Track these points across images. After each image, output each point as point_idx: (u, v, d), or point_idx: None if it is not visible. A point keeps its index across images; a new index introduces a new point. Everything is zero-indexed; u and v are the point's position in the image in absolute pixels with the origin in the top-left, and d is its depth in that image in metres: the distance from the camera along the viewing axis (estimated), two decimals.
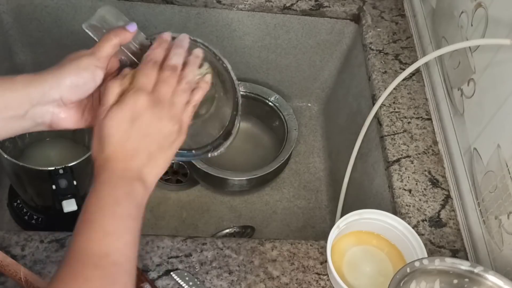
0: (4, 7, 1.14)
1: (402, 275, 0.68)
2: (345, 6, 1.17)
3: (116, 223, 0.57)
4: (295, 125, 1.24)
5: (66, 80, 0.62)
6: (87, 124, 0.68)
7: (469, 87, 0.87)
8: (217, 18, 1.17)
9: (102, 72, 0.65)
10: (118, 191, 0.59)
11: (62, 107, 0.64)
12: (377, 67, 1.06)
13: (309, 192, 1.27)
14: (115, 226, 0.57)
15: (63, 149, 1.12)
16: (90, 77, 0.63)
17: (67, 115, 0.65)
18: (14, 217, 1.11)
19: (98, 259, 0.55)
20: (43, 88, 0.61)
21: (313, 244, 0.83)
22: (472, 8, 0.88)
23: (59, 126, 0.65)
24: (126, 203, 0.59)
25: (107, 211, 0.57)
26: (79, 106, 0.66)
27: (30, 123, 0.63)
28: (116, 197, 0.58)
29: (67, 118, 0.65)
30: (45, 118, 0.63)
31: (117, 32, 0.65)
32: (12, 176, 1.01)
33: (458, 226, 0.87)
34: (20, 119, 0.62)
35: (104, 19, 0.68)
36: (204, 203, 1.23)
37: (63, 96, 0.62)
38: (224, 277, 0.78)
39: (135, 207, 0.59)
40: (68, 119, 0.65)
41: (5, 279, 0.73)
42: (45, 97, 0.62)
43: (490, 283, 0.69)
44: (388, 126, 0.98)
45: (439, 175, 0.92)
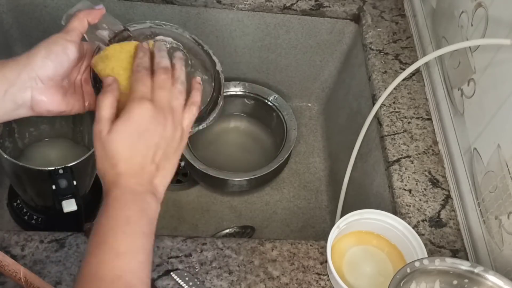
0: (4, 7, 1.14)
1: (402, 275, 0.68)
2: (345, 6, 1.17)
3: (129, 243, 0.57)
4: (294, 125, 1.24)
5: (37, 56, 0.63)
6: (70, 107, 0.68)
7: (469, 87, 0.87)
8: (217, 18, 1.17)
9: (73, 47, 0.65)
10: (130, 208, 0.58)
11: (40, 87, 0.64)
12: (377, 67, 1.06)
13: (309, 192, 1.27)
14: (127, 245, 0.56)
15: (63, 149, 1.12)
16: (60, 50, 0.64)
17: (47, 96, 0.65)
18: (14, 217, 1.11)
19: (110, 283, 0.54)
20: (17, 67, 0.63)
21: (313, 244, 0.83)
22: (472, 8, 0.88)
23: (41, 108, 0.65)
24: (139, 221, 0.58)
25: (118, 231, 0.57)
26: (59, 87, 0.66)
27: (11, 105, 0.63)
28: (127, 216, 0.58)
29: (47, 99, 0.65)
30: (25, 99, 0.64)
31: (85, 10, 0.68)
32: (12, 176, 1.01)
33: (458, 226, 0.87)
34: (0, 102, 0.62)
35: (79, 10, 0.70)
36: (204, 203, 1.23)
37: (38, 73, 0.63)
38: (224, 277, 0.78)
39: (147, 223, 0.59)
40: (49, 101, 0.65)
41: (5, 279, 0.73)
42: (21, 75, 0.62)
43: (490, 283, 0.69)
44: (388, 126, 0.98)
45: (439, 175, 0.92)
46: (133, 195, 0.59)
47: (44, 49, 0.64)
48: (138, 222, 0.58)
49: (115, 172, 0.59)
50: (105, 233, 0.56)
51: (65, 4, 1.13)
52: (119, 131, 0.59)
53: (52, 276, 0.75)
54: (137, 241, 0.57)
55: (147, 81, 0.63)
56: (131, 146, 0.60)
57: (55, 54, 0.64)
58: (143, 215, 0.59)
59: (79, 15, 0.67)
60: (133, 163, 0.60)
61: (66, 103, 0.67)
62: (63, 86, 0.67)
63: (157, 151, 0.61)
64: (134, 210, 0.58)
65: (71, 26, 0.66)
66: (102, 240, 0.56)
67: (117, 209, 0.58)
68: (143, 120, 0.60)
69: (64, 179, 0.94)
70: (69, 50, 0.65)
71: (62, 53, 0.64)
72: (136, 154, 0.60)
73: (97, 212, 0.59)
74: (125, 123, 0.60)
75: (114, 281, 0.54)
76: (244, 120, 1.32)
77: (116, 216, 0.57)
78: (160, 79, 0.64)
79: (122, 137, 0.59)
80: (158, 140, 0.61)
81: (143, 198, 0.59)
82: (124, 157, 0.59)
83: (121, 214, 0.58)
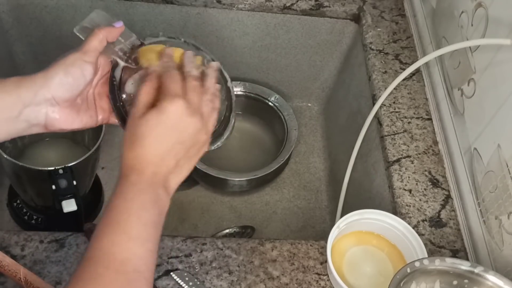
0: (4, 7, 1.14)
1: (402, 275, 0.68)
2: (345, 6, 1.17)
3: (141, 229, 0.57)
4: (295, 125, 1.24)
5: (55, 78, 0.62)
6: (83, 125, 0.68)
7: (469, 87, 0.87)
8: (217, 18, 1.17)
9: (91, 67, 0.65)
10: (146, 196, 0.59)
11: (55, 107, 0.64)
12: (377, 67, 1.06)
13: (309, 192, 1.27)
14: (139, 231, 0.57)
15: (63, 149, 1.12)
16: (78, 72, 0.64)
17: (62, 115, 0.65)
18: (14, 217, 1.11)
19: (120, 264, 0.54)
20: (33, 88, 0.62)
21: (313, 244, 0.83)
22: (472, 8, 0.88)
23: (55, 127, 0.65)
24: (152, 209, 0.58)
25: (133, 215, 0.57)
26: (73, 105, 0.66)
27: (24, 125, 0.63)
28: (143, 202, 0.58)
29: (61, 118, 0.65)
30: (39, 119, 0.64)
31: (103, 28, 0.66)
32: (12, 176, 1.01)
33: (458, 226, 0.87)
34: (14, 121, 0.62)
35: (94, 21, 0.69)
36: (204, 203, 1.23)
37: (54, 94, 0.63)
38: (224, 277, 0.78)
39: (158, 215, 0.59)
40: (63, 120, 0.65)
41: (5, 279, 0.73)
42: (36, 97, 0.62)
43: (491, 283, 0.69)
44: (388, 126, 0.98)
45: (439, 175, 0.92)
46: (148, 184, 0.59)
47: (63, 71, 0.63)
48: (151, 211, 0.58)
49: (134, 156, 0.60)
50: (119, 214, 0.57)
51: (65, 4, 1.13)
52: (150, 119, 0.60)
53: (52, 276, 0.75)
54: (148, 229, 0.58)
55: (179, 81, 0.63)
56: (158, 136, 0.60)
57: (73, 77, 0.63)
58: (156, 206, 0.59)
59: (99, 34, 0.66)
60: (155, 153, 0.60)
61: (79, 121, 0.67)
62: (77, 103, 0.67)
63: (181, 148, 0.62)
64: (148, 198, 0.59)
65: (90, 46, 0.65)
66: (115, 221, 0.56)
67: (134, 192, 0.58)
68: (175, 115, 0.61)
69: (64, 179, 0.94)
70: (87, 72, 0.65)
71: (80, 76, 0.64)
72: (160, 145, 0.60)
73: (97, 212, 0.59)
74: (158, 113, 0.60)
75: (123, 262, 0.54)
76: (244, 120, 1.32)
77: (132, 199, 0.58)
78: (192, 85, 0.64)
79: (151, 124, 0.60)
80: (185, 139, 0.62)
81: (156, 189, 0.60)
82: (146, 142, 0.60)
83: (137, 198, 0.58)
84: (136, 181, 0.59)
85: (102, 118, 0.71)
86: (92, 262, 0.54)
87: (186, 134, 0.62)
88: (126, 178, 0.59)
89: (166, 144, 0.61)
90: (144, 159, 0.60)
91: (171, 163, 0.61)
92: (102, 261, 0.54)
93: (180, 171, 0.63)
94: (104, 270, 0.53)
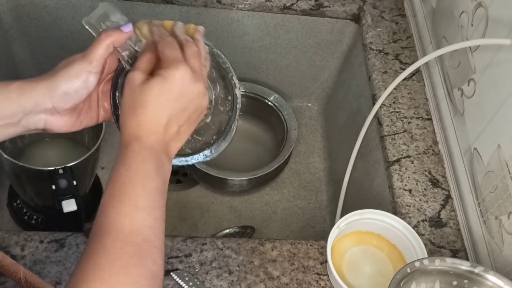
0: (4, 7, 1.14)
1: (402, 275, 0.68)
2: (345, 6, 1.17)
3: (147, 198, 0.56)
4: (294, 125, 1.24)
5: (58, 89, 0.61)
6: (82, 126, 0.67)
7: (469, 87, 0.87)
8: (217, 18, 1.17)
9: (95, 77, 0.63)
10: (149, 164, 0.58)
11: (55, 115, 0.63)
12: (377, 67, 1.06)
13: (309, 192, 1.27)
14: (146, 200, 0.56)
15: (63, 149, 1.12)
16: (82, 84, 0.62)
17: (61, 121, 0.64)
18: (13, 217, 1.11)
19: (128, 235, 0.53)
20: (36, 97, 0.61)
21: (313, 244, 0.83)
22: (472, 8, 0.88)
23: (54, 131, 0.65)
24: (156, 177, 0.58)
25: (138, 184, 0.56)
26: (73, 111, 0.65)
27: (23, 129, 0.63)
28: (147, 171, 0.57)
29: (60, 124, 0.65)
30: (38, 125, 0.63)
31: (110, 33, 0.63)
32: (12, 176, 1.01)
33: (458, 226, 0.87)
34: (14, 126, 0.62)
35: (103, 16, 0.66)
36: (204, 203, 1.23)
37: (55, 105, 0.62)
38: (224, 277, 0.78)
39: (162, 182, 0.59)
40: (62, 125, 0.65)
41: (5, 279, 0.73)
42: (38, 106, 0.61)
43: (491, 283, 0.69)
44: (388, 126, 0.98)
45: (439, 175, 0.92)
46: (151, 152, 0.59)
47: (66, 82, 0.61)
48: (155, 179, 0.58)
49: (136, 124, 0.59)
50: (124, 185, 0.56)
51: (65, 4, 1.13)
52: (154, 87, 0.59)
53: (52, 276, 0.75)
54: (154, 197, 0.57)
55: (178, 49, 0.62)
56: (162, 104, 0.59)
57: (76, 89, 0.62)
58: (159, 173, 0.58)
59: (105, 41, 0.63)
60: (158, 121, 0.59)
61: (79, 123, 0.67)
62: (78, 108, 0.66)
63: (184, 115, 0.61)
64: (152, 166, 0.58)
65: (95, 55, 0.63)
66: (120, 191, 0.56)
67: (137, 162, 0.57)
68: (181, 82, 0.60)
69: (64, 179, 0.94)
70: (90, 82, 0.63)
71: (83, 87, 0.63)
72: (163, 113, 0.60)
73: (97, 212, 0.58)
74: (161, 79, 0.59)
75: (132, 233, 0.54)
76: (244, 120, 1.32)
77: (136, 169, 0.57)
78: (192, 50, 0.63)
79: (154, 91, 0.59)
80: (188, 104, 0.61)
81: (159, 156, 0.59)
82: (151, 111, 0.59)
83: (141, 168, 0.57)
84: (138, 150, 0.58)
85: (104, 117, 0.69)
86: (100, 236, 0.53)
87: (189, 101, 0.61)
88: (128, 147, 0.58)
89: (169, 111, 0.60)
90: (146, 127, 0.59)
91: (174, 130, 0.61)
92: (110, 233, 0.53)
93: (181, 137, 0.62)
94: (113, 242, 0.53)
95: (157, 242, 0.55)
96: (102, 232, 0.54)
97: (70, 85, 0.62)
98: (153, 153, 0.59)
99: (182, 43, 0.63)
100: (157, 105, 0.59)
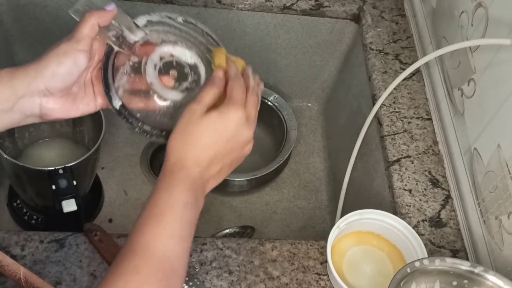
0: (4, 7, 1.14)
1: (402, 275, 0.68)
2: (345, 6, 1.17)
3: (182, 228, 0.58)
4: (294, 125, 1.24)
5: (47, 69, 0.62)
6: (80, 112, 0.68)
7: (469, 87, 0.87)
8: (217, 18, 1.17)
9: (84, 56, 0.64)
10: (190, 196, 0.59)
11: (49, 97, 0.63)
12: (377, 67, 1.06)
13: (309, 192, 1.27)
14: (180, 230, 0.57)
15: (63, 149, 1.12)
16: (71, 62, 0.63)
17: (56, 105, 0.64)
18: (14, 217, 1.11)
19: (159, 260, 0.55)
20: (27, 79, 0.61)
21: (313, 244, 0.83)
22: (472, 8, 0.88)
23: (50, 117, 0.65)
24: (192, 210, 0.60)
25: (177, 213, 0.58)
26: (68, 94, 0.65)
27: (19, 116, 0.63)
28: (187, 202, 0.59)
29: (56, 108, 0.65)
30: (34, 110, 0.63)
31: (94, 13, 0.64)
32: (12, 176, 1.01)
33: (458, 226, 0.87)
34: (9, 112, 0.62)
35: (89, 2, 0.67)
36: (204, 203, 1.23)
37: (48, 85, 0.62)
38: (224, 277, 0.78)
39: (195, 216, 0.60)
40: (58, 109, 0.65)
41: (5, 279, 0.73)
42: (30, 88, 0.62)
43: (491, 283, 0.69)
44: (388, 126, 0.98)
45: (439, 175, 0.92)
46: (192, 184, 0.60)
47: (55, 62, 0.62)
48: (192, 211, 0.59)
49: (185, 151, 0.61)
50: (164, 209, 0.57)
51: (65, 4, 1.13)
52: (211, 122, 0.61)
53: (52, 276, 0.75)
54: (187, 228, 0.58)
55: (244, 92, 0.65)
56: (213, 140, 0.61)
57: (66, 67, 0.63)
58: (196, 207, 0.60)
59: (89, 20, 0.64)
60: (206, 156, 0.61)
61: (76, 109, 0.67)
62: (72, 92, 0.66)
63: (229, 156, 0.63)
64: (192, 198, 0.60)
65: (81, 34, 0.64)
66: (160, 214, 0.57)
67: (179, 191, 0.59)
68: (235, 124, 0.62)
69: (64, 179, 0.94)
70: (80, 61, 0.64)
71: (72, 65, 0.63)
72: (212, 149, 0.61)
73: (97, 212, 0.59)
74: (220, 117, 0.62)
75: (162, 260, 0.55)
76: None
77: (177, 197, 0.58)
78: (253, 98, 0.65)
79: (210, 127, 0.61)
80: (235, 148, 0.64)
81: (198, 190, 0.61)
82: (203, 144, 0.61)
83: (182, 198, 0.59)
84: (183, 180, 0.60)
85: (101, 103, 0.69)
86: (131, 255, 0.54)
87: (237, 144, 0.63)
88: (173, 173, 0.60)
89: (218, 150, 0.62)
90: (194, 159, 0.61)
91: (216, 168, 0.63)
92: (142, 254, 0.54)
93: (220, 177, 0.64)
94: (143, 263, 0.54)
95: (181, 272, 0.57)
96: (134, 252, 0.55)
97: (59, 63, 0.62)
98: (194, 186, 0.60)
99: (247, 87, 0.66)
100: (210, 140, 0.61)
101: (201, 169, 0.61)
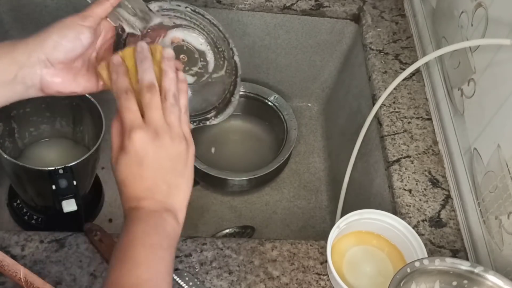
0: (4, 7, 1.14)
1: (402, 275, 0.68)
2: (345, 6, 1.17)
3: (146, 253, 0.57)
4: (294, 125, 1.24)
5: (49, 39, 0.62)
6: (81, 89, 0.67)
7: (469, 87, 0.87)
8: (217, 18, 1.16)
9: (88, 32, 0.64)
10: (147, 224, 0.59)
11: (50, 68, 0.64)
12: (377, 67, 1.06)
13: (309, 192, 1.27)
14: (145, 256, 0.57)
15: (63, 149, 1.12)
16: (74, 35, 0.63)
17: (57, 77, 0.64)
18: (14, 217, 1.11)
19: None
20: (27, 49, 0.62)
21: (313, 244, 0.83)
22: (472, 8, 0.88)
23: (51, 89, 0.65)
24: (156, 234, 0.59)
25: (137, 243, 0.58)
26: (69, 68, 0.65)
27: (21, 87, 0.63)
28: (146, 230, 0.59)
29: (57, 80, 0.65)
30: (35, 81, 0.63)
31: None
32: (12, 176, 1.01)
33: (458, 226, 0.87)
34: (11, 84, 0.62)
35: None
36: (204, 203, 1.23)
37: (48, 56, 0.62)
38: (224, 277, 0.78)
39: (165, 238, 0.59)
40: (59, 82, 0.65)
41: (5, 279, 0.73)
42: (30, 58, 0.62)
43: (490, 283, 0.69)
44: (388, 126, 0.98)
45: (439, 175, 0.92)
46: (148, 214, 0.60)
47: (57, 33, 0.63)
48: (156, 235, 0.59)
49: (125, 199, 0.61)
50: (125, 247, 0.58)
51: (65, 4, 1.13)
52: (120, 164, 0.61)
53: (52, 276, 0.75)
54: (155, 251, 0.58)
55: (133, 105, 0.61)
56: (135, 176, 0.60)
57: (68, 39, 0.63)
58: (160, 230, 0.59)
59: (104, 2, 0.65)
60: (141, 189, 0.60)
61: (76, 84, 0.67)
62: (75, 67, 0.66)
63: (164, 171, 0.61)
64: (150, 225, 0.59)
65: (90, 12, 0.64)
66: (123, 254, 0.57)
67: (135, 225, 0.59)
68: (139, 149, 0.60)
69: (64, 179, 0.94)
70: (83, 36, 0.64)
71: (75, 39, 0.63)
72: (141, 181, 0.60)
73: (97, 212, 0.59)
74: (123, 155, 0.61)
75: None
76: (244, 120, 1.32)
77: (134, 231, 0.58)
78: (146, 99, 0.61)
79: (124, 168, 0.60)
80: (162, 162, 0.61)
81: (159, 215, 0.60)
82: (130, 185, 0.60)
83: (138, 229, 0.59)
84: (135, 217, 0.59)
85: (104, 84, 0.69)
86: None
87: (160, 158, 0.60)
88: (127, 219, 0.60)
89: (147, 177, 0.60)
90: (134, 198, 0.60)
91: (163, 188, 0.61)
92: None
93: (178, 190, 0.62)
94: None
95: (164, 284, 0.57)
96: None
97: (61, 35, 0.62)
98: (149, 215, 0.59)
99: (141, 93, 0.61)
100: (133, 177, 0.60)
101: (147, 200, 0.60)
